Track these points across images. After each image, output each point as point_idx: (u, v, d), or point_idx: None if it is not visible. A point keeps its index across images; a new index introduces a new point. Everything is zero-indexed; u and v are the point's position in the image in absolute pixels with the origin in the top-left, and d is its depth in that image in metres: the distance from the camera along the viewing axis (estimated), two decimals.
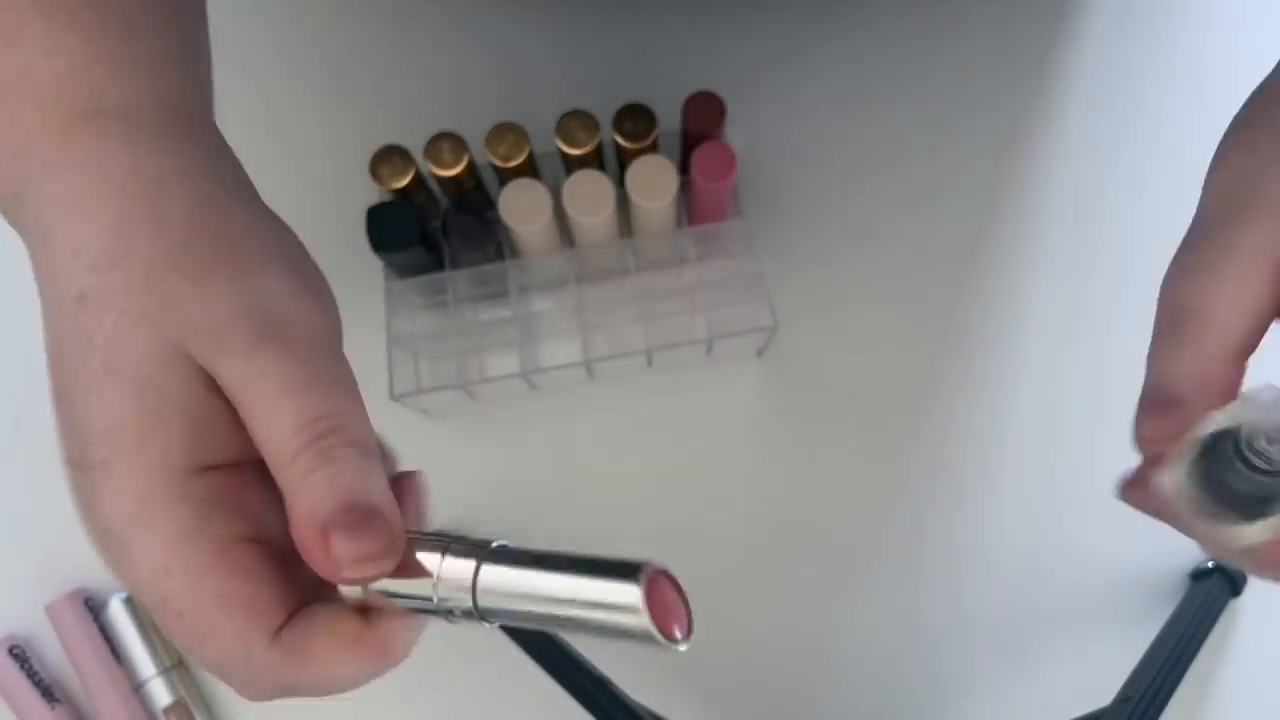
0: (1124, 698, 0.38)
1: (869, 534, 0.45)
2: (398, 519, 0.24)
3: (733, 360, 0.47)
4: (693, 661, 0.44)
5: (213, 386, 0.24)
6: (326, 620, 0.24)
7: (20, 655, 0.44)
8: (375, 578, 0.23)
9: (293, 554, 0.25)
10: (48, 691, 0.43)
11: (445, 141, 0.43)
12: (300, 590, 0.25)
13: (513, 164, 0.43)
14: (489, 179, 0.46)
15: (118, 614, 0.44)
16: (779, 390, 0.47)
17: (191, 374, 0.24)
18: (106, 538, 0.23)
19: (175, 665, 0.44)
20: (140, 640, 0.44)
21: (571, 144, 0.43)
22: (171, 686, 0.43)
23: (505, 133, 0.44)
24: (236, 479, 0.24)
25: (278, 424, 0.23)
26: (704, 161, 0.42)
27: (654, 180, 0.43)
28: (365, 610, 0.25)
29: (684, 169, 0.44)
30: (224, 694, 0.45)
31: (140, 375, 0.23)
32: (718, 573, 0.44)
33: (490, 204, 0.46)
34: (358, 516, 0.23)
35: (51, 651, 0.45)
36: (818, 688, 0.44)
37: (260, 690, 0.24)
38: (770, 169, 0.48)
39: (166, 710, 0.43)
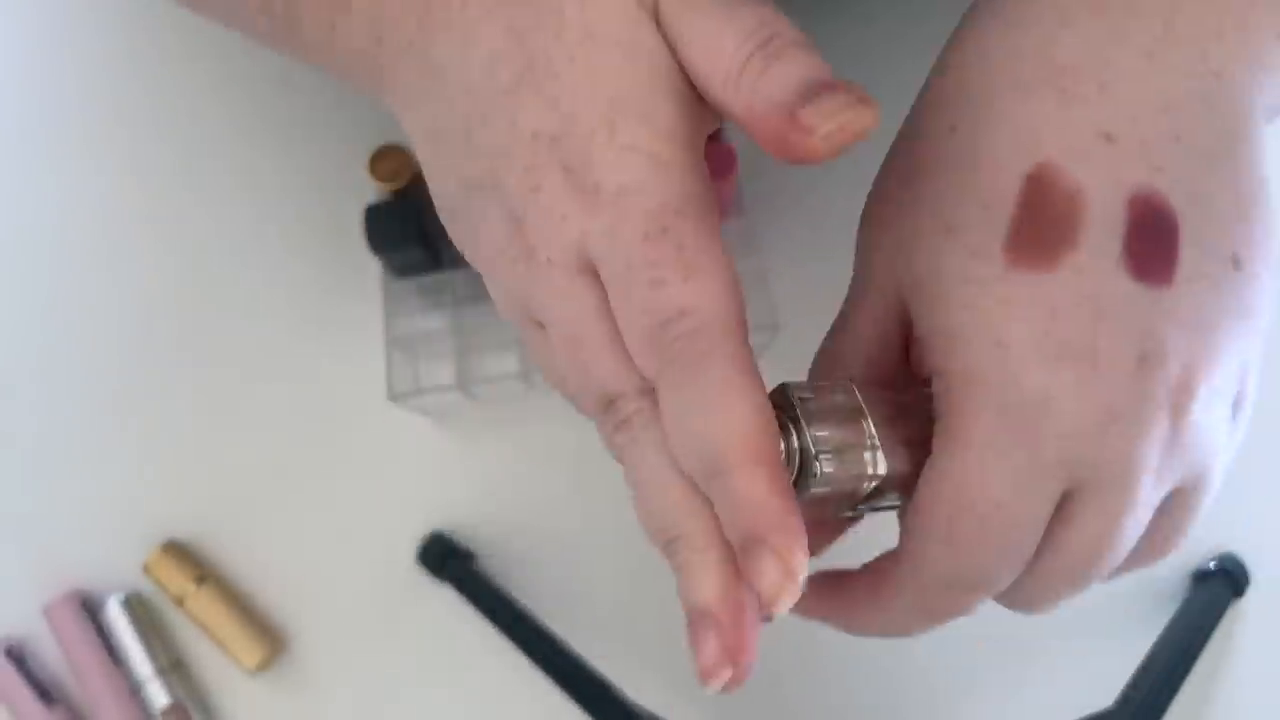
0: (1126, 699, 0.38)
1: (870, 533, 0.45)
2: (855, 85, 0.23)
3: None
4: (692, 662, 0.44)
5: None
6: None
7: (17, 656, 0.44)
8: (852, 138, 0.22)
9: None
10: (45, 693, 0.43)
11: None
12: None
13: None
14: None
15: (115, 615, 0.44)
16: None
17: (658, 32, 0.24)
18: (596, 195, 0.23)
19: (173, 667, 0.44)
20: (138, 641, 0.43)
21: None
22: (169, 688, 0.43)
23: None
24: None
25: (719, 49, 0.23)
26: (705, 160, 0.42)
27: None
28: None
29: None
30: (222, 696, 0.44)
31: (626, 38, 0.24)
32: None
33: None
34: (822, 86, 0.22)
35: (49, 653, 0.45)
36: (818, 688, 0.43)
37: None
38: (772, 167, 0.48)
39: (164, 712, 0.43)
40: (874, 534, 0.29)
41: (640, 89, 0.23)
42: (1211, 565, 0.43)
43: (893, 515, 0.28)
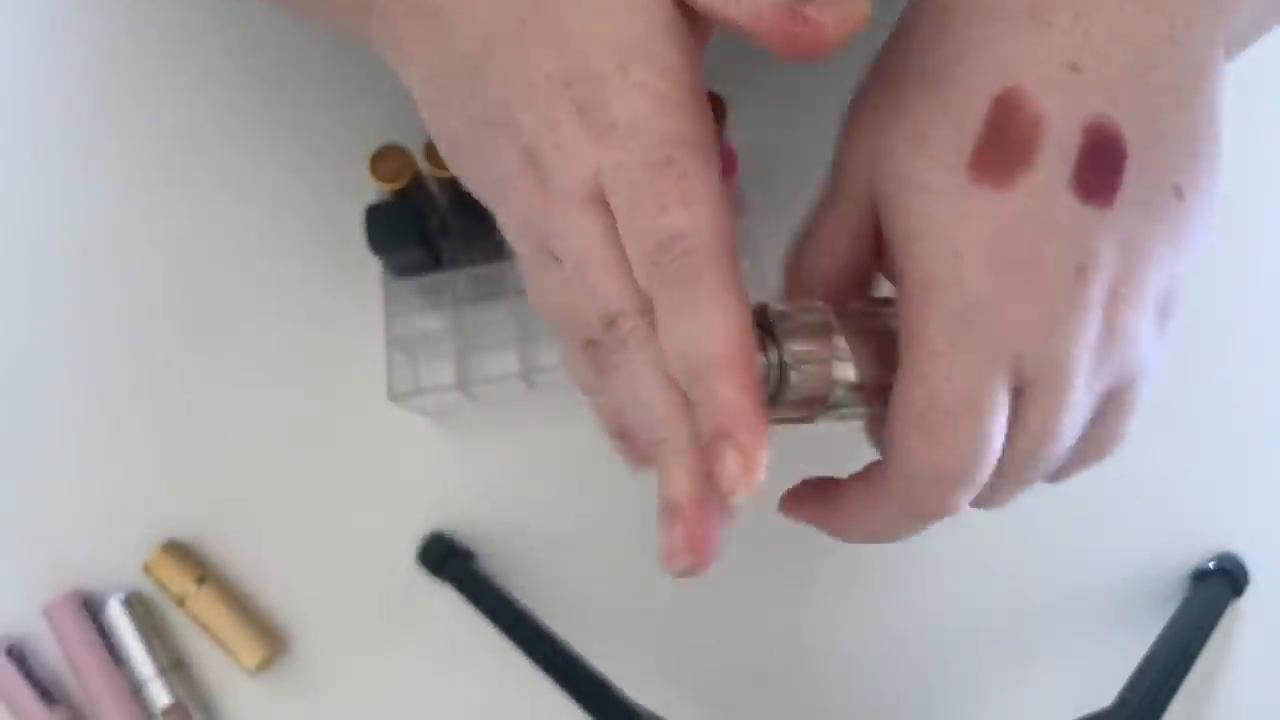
0: (1124, 699, 0.38)
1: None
2: None
3: None
4: (692, 661, 0.44)
5: None
6: None
7: (18, 656, 0.44)
8: (855, 25, 0.24)
9: None
10: (46, 693, 0.43)
11: None
12: None
13: None
14: None
15: (116, 615, 0.44)
16: None
17: None
18: (610, 132, 0.25)
19: (174, 666, 0.44)
20: (139, 641, 0.43)
21: None
22: (170, 688, 0.43)
23: None
24: None
25: None
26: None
27: None
28: None
29: None
30: (223, 696, 0.45)
31: None
32: (717, 572, 0.44)
33: None
34: None
35: (50, 653, 0.45)
36: (817, 688, 0.43)
37: None
38: (773, 169, 0.48)
39: (165, 711, 0.43)
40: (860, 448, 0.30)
41: (644, 30, 0.25)
42: (1211, 565, 0.43)
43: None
